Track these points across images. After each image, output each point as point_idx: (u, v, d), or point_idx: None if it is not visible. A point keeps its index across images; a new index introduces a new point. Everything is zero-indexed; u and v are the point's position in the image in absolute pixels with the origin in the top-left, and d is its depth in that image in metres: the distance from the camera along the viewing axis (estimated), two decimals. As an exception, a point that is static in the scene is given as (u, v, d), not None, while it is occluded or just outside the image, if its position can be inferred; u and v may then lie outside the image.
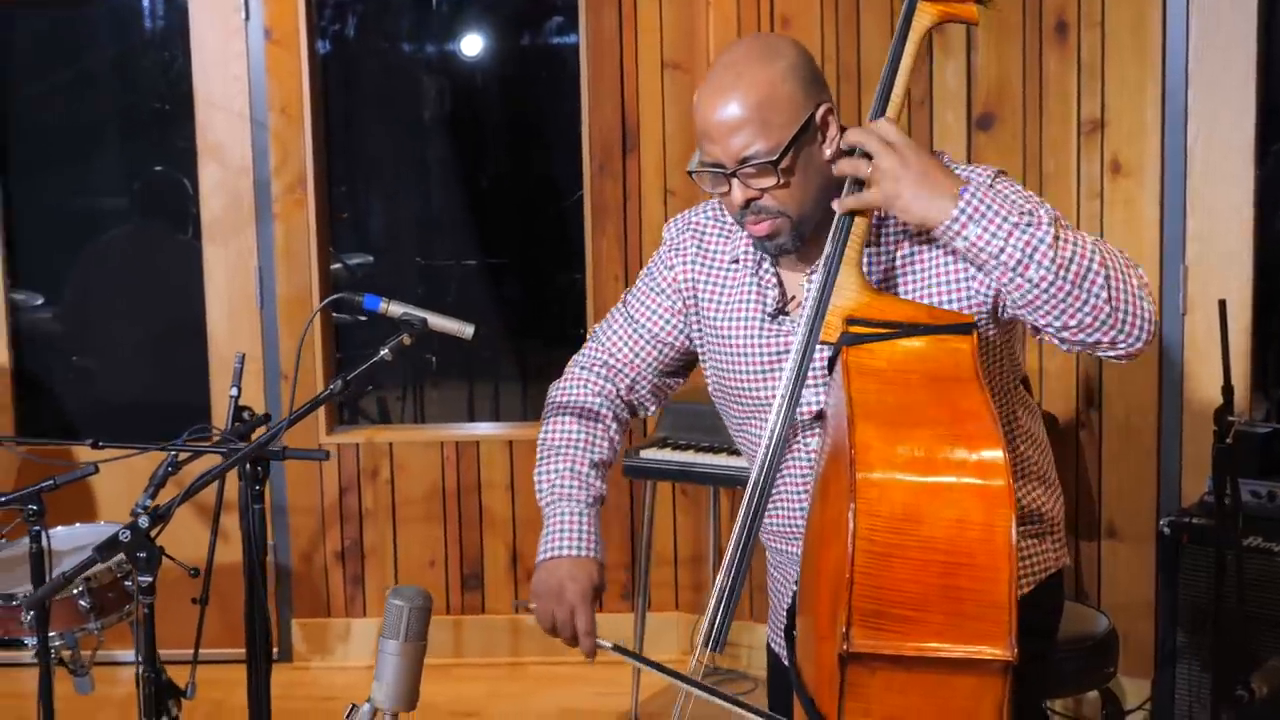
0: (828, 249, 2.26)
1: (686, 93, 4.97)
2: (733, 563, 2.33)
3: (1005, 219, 2.13)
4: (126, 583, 3.74)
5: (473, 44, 5.44)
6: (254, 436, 3.53)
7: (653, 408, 2.75)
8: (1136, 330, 2.16)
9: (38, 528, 3.27)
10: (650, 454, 4.62)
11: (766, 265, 2.48)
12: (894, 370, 2.19)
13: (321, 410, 5.21)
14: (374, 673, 2.39)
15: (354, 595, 5.31)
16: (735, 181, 2.31)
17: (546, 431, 2.67)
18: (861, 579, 2.02)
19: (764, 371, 2.47)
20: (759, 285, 2.48)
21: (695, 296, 2.58)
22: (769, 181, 2.30)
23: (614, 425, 2.67)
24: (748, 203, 2.33)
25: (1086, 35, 4.37)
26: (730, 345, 2.53)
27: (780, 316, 2.46)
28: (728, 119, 2.28)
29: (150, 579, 2.63)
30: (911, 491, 2.04)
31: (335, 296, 2.94)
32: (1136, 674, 4.29)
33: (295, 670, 5.32)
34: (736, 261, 2.53)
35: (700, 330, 2.58)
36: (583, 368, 2.72)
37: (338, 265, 6.00)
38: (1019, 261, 2.12)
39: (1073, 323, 2.14)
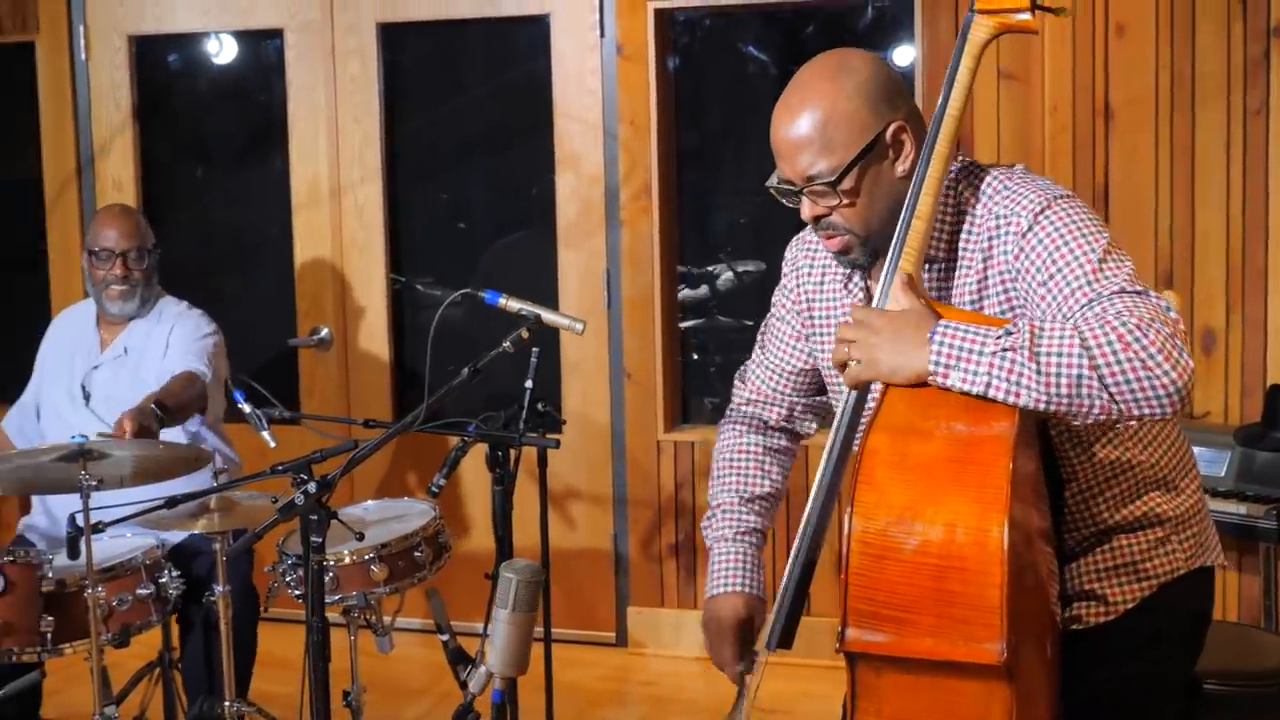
0: (888, 260, 2.30)
1: (1021, 103, 4.93)
2: (795, 556, 2.42)
3: (978, 351, 2.09)
4: (416, 552, 4.06)
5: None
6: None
7: (814, 427, 2.85)
8: (1155, 405, 2.06)
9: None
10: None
11: (856, 279, 2.53)
12: None
13: (660, 409, 5.46)
14: (489, 639, 2.61)
15: (686, 587, 5.52)
16: (804, 199, 2.38)
17: (710, 485, 2.84)
18: (855, 579, 2.10)
19: None
20: (851, 297, 2.55)
21: (810, 314, 2.66)
22: (833, 200, 2.35)
23: (768, 459, 2.80)
24: (818, 219, 2.39)
25: None
26: (821, 337, 2.62)
27: None
28: (792, 138, 2.35)
29: (320, 539, 2.91)
30: (908, 496, 2.09)
31: (461, 292, 3.16)
32: None
33: (629, 655, 5.58)
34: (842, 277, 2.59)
35: (814, 337, 2.66)
36: (735, 409, 2.86)
37: (729, 272, 6.23)
38: (1008, 391, 2.09)
39: (1089, 419, 2.10)
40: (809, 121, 2.33)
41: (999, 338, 2.09)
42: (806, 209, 2.39)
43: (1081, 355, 2.05)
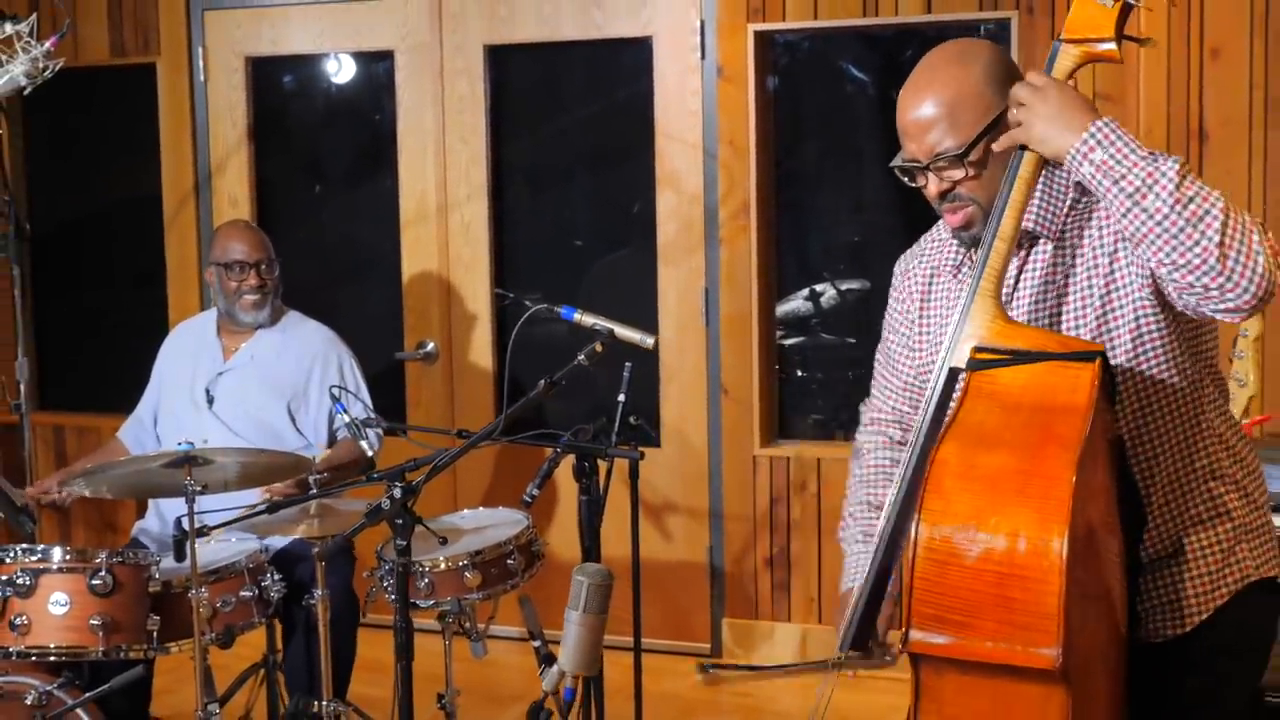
0: (985, 233, 2.40)
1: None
2: (871, 561, 2.49)
3: (1133, 150, 2.22)
4: (509, 560, 4.16)
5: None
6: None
7: None
8: (1245, 282, 2.17)
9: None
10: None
11: (965, 268, 2.61)
12: (1007, 395, 2.29)
13: (756, 425, 5.53)
14: (561, 641, 2.70)
15: (780, 600, 5.58)
16: (930, 175, 2.49)
17: (844, 500, 2.94)
18: (920, 583, 2.18)
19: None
20: (961, 288, 2.60)
21: (920, 314, 2.73)
22: (959, 174, 2.46)
23: (896, 471, 2.84)
24: (943, 194, 2.50)
25: None
26: (930, 340, 2.68)
27: None
28: (921, 118, 2.46)
29: (405, 542, 3.02)
30: (973, 505, 2.16)
31: (539, 306, 3.25)
32: None
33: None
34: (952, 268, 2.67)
35: (922, 335, 2.73)
36: (863, 429, 2.93)
37: (832, 291, 6.28)
38: (1137, 189, 2.20)
39: (1182, 261, 2.18)
40: (936, 102, 2.44)
41: (1153, 152, 2.23)
42: (933, 185, 2.49)
43: (1217, 201, 2.18)
